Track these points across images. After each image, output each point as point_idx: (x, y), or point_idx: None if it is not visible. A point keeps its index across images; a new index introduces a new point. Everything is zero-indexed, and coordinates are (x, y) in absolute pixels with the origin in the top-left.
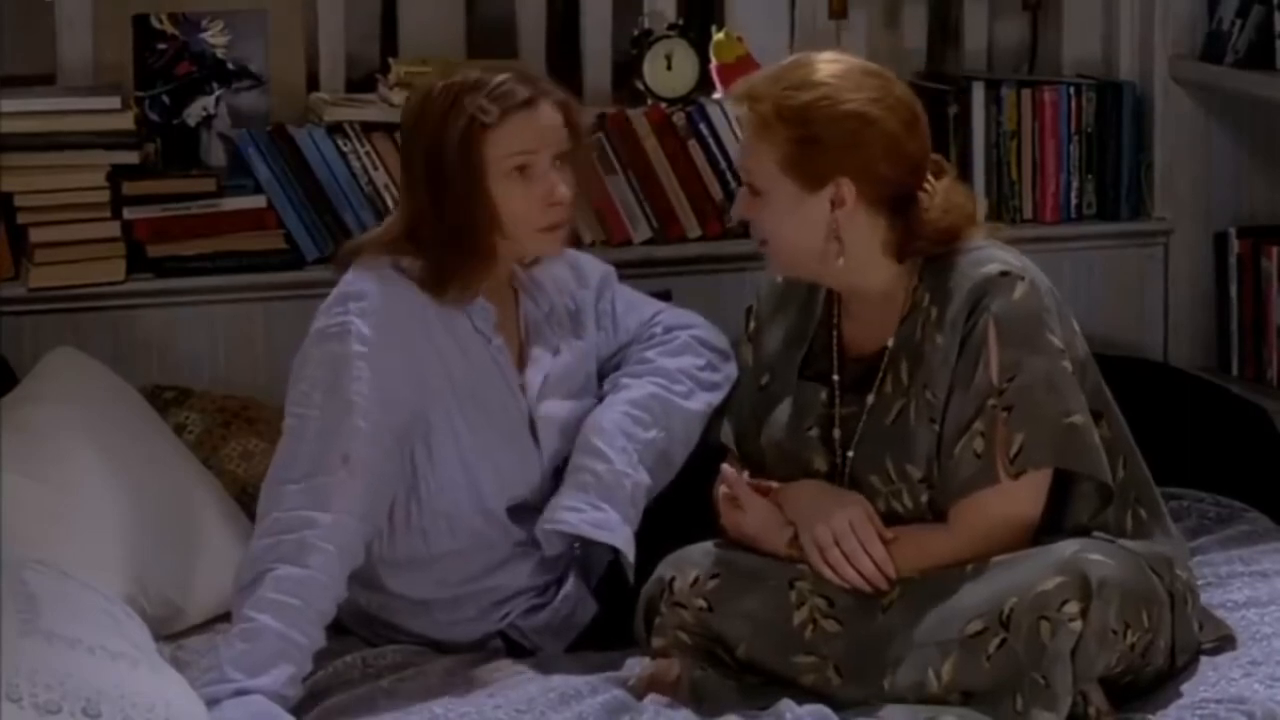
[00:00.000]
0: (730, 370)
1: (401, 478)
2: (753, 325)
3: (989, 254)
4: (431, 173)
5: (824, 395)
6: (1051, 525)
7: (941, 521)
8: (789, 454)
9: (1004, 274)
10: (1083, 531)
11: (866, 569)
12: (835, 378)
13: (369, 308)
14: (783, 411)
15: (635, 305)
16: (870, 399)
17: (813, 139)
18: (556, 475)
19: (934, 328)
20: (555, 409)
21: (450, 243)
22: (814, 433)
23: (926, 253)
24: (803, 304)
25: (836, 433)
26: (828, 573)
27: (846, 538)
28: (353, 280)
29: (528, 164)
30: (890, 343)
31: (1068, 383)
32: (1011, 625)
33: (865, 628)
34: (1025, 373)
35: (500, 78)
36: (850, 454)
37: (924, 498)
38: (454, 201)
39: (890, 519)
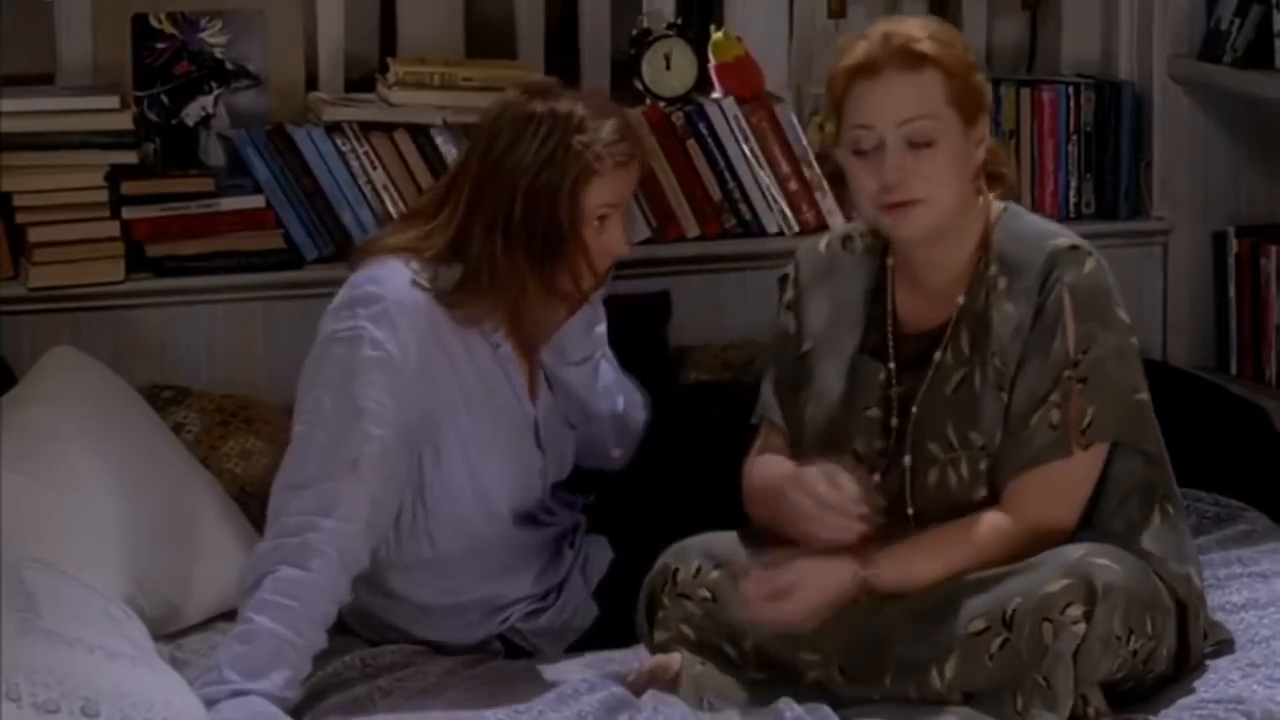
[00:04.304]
0: None
1: (409, 482)
2: (790, 294)
3: (1050, 227)
4: (530, 199)
5: (882, 375)
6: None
7: (994, 495)
8: (837, 432)
9: (1074, 248)
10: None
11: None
12: (891, 350)
13: (380, 312)
14: (832, 386)
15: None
16: (930, 372)
17: (970, 68)
18: (560, 481)
19: (1001, 297)
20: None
21: (516, 270)
22: (873, 413)
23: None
24: (850, 277)
25: (894, 419)
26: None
27: (825, 494)
28: (362, 282)
29: (608, 215)
30: (956, 311)
31: (1135, 359)
32: (1014, 625)
33: (868, 625)
34: (1099, 346)
35: (612, 125)
36: (914, 411)
37: (982, 465)
38: (550, 234)
39: (942, 491)
